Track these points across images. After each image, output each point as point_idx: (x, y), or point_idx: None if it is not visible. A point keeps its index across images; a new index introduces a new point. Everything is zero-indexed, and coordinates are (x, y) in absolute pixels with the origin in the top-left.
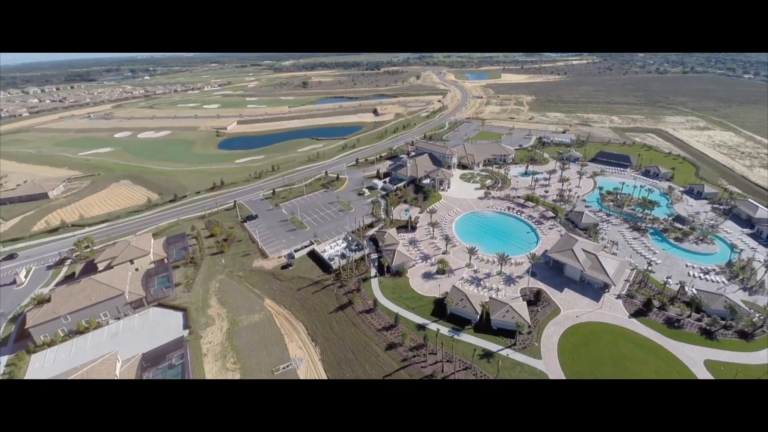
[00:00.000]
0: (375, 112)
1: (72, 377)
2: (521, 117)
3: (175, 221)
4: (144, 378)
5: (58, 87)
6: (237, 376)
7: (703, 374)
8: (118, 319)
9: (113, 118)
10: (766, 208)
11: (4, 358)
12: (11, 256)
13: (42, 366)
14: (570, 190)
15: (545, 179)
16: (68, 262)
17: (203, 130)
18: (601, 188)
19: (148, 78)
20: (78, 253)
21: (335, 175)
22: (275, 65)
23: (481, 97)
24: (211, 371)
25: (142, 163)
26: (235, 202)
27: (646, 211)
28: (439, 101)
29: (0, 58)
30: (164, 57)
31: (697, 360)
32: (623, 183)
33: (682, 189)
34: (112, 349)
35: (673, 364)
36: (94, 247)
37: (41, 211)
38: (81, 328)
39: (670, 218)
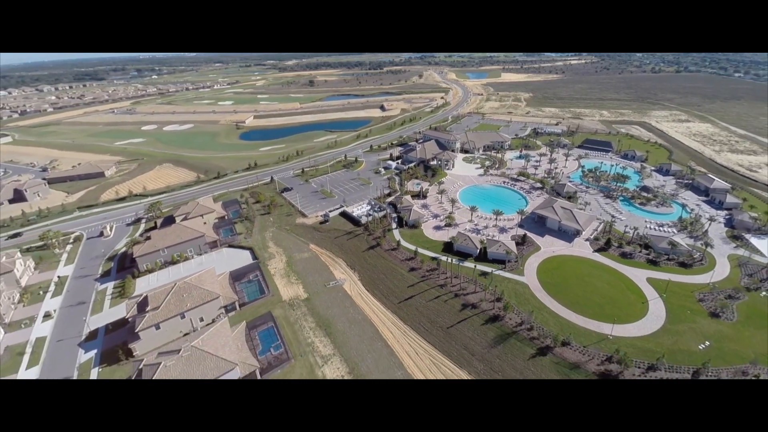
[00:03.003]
0: (382, 107)
1: (175, 280)
2: (518, 112)
3: (224, 192)
4: (237, 287)
5: (70, 85)
6: (300, 288)
7: (645, 287)
8: (200, 255)
9: (136, 113)
10: (722, 181)
11: (112, 283)
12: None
13: (147, 285)
14: (557, 168)
15: (536, 161)
16: (143, 220)
17: (223, 123)
18: (583, 167)
19: (156, 77)
20: (152, 213)
21: (354, 158)
22: (279, 65)
23: (482, 95)
24: (281, 283)
25: (175, 151)
26: (272, 177)
27: (619, 183)
28: (442, 98)
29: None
30: (168, 57)
31: (641, 277)
32: (602, 162)
33: (653, 168)
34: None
35: (621, 279)
36: (163, 209)
37: (101, 187)
38: (174, 260)
39: (638, 189)
